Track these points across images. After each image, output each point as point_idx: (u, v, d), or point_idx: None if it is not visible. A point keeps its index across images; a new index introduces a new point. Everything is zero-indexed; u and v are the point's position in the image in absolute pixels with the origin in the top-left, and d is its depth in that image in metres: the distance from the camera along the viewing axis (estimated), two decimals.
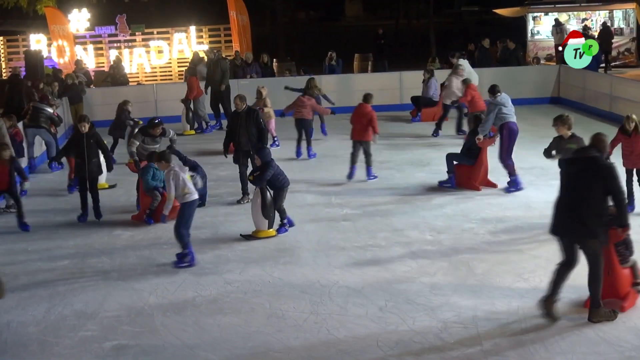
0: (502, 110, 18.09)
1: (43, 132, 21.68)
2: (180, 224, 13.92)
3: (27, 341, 11.22)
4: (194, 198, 13.95)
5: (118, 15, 35.74)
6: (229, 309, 12.02)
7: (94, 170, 16.85)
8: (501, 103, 18.16)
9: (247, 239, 15.26)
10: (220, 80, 27.03)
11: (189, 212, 13.95)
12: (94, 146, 16.83)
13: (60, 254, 14.85)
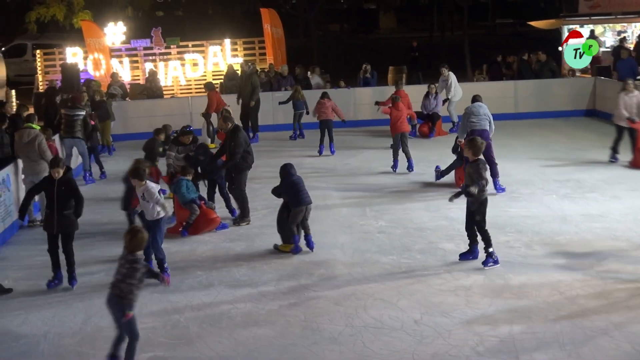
0: (470, 118, 19.34)
1: (79, 143, 21.76)
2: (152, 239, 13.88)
3: (64, 352, 11.30)
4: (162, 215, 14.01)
5: (153, 29, 35.91)
6: (264, 321, 12.03)
7: (67, 224, 13.75)
8: (470, 112, 19.47)
9: (279, 250, 15.29)
10: (250, 95, 27.07)
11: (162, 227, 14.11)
12: (66, 195, 13.68)
13: (96, 265, 14.92)
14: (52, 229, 13.75)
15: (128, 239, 10.46)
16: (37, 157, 17.67)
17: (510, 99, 30.35)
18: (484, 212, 14.03)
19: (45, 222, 13.92)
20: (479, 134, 18.79)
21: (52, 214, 13.64)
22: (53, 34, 46.28)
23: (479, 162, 13.93)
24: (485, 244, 14.02)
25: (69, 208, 13.71)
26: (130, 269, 10.35)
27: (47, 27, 46.72)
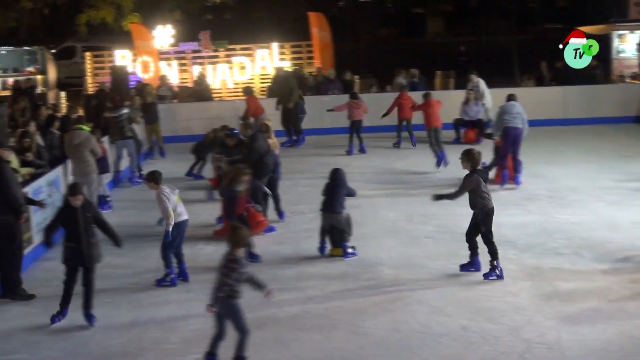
0: (504, 116, 20.16)
1: (129, 144, 21.90)
2: (165, 243, 14.11)
3: (111, 353, 11.38)
4: (181, 219, 14.12)
5: (202, 32, 36.03)
6: (310, 325, 12.04)
7: (94, 255, 12.49)
8: (503, 110, 20.32)
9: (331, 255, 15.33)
10: (288, 97, 27.10)
11: (176, 232, 14.09)
12: (91, 222, 12.47)
13: (144, 267, 15.02)
14: (79, 262, 12.35)
15: (229, 236, 10.56)
16: (87, 158, 17.81)
17: (559, 104, 30.11)
18: (489, 223, 13.89)
19: (69, 255, 12.35)
20: (513, 131, 19.97)
21: (79, 245, 12.23)
22: (102, 37, 46.57)
23: (472, 175, 13.76)
24: (491, 257, 13.83)
25: (94, 236, 12.46)
26: (228, 267, 10.40)
27: (96, 29, 47.08)
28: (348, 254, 15.11)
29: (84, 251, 12.22)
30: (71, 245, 12.26)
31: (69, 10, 49.61)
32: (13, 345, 11.78)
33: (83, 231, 12.24)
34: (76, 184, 12.93)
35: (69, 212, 12.31)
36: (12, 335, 12.14)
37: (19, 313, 13.02)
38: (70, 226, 12.31)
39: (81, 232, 12.23)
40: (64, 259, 12.38)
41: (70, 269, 12.40)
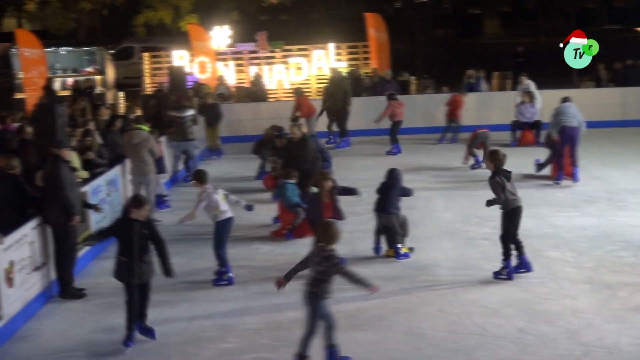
0: (561, 116, 20.81)
1: (190, 145, 22.01)
2: (215, 243, 14.26)
3: (168, 351, 11.47)
4: (226, 217, 14.21)
5: (258, 32, 36.17)
6: (366, 325, 12.04)
7: (146, 272, 11.83)
8: (560, 111, 20.97)
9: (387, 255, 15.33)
10: (343, 100, 27.05)
11: (220, 231, 14.22)
12: (147, 239, 11.76)
13: (201, 266, 15.10)
14: (130, 278, 11.68)
15: (322, 231, 10.57)
16: (146, 158, 17.96)
17: (617, 106, 29.81)
18: (510, 223, 13.83)
19: (121, 270, 11.70)
20: (570, 130, 20.61)
21: (131, 261, 11.57)
22: (160, 37, 46.92)
23: (495, 177, 13.74)
24: (503, 257, 13.85)
25: (148, 253, 11.78)
26: (321, 264, 10.45)
27: (154, 30, 47.49)
28: (400, 256, 15.09)
29: (135, 268, 11.59)
30: (124, 259, 11.62)
31: (127, 11, 50.10)
32: (72, 343, 11.91)
33: (137, 247, 11.55)
34: (142, 196, 12.32)
35: (126, 224, 11.60)
36: (70, 333, 12.28)
37: (76, 311, 13.17)
38: (124, 239, 11.61)
39: (134, 247, 11.54)
40: (116, 273, 11.78)
41: (127, 286, 11.73)
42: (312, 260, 10.60)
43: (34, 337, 12.20)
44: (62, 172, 13.67)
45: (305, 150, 17.74)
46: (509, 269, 13.83)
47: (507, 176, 13.80)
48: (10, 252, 12.35)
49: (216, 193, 14.23)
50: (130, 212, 11.62)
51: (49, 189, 13.59)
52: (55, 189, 13.52)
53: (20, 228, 12.95)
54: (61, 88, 36.39)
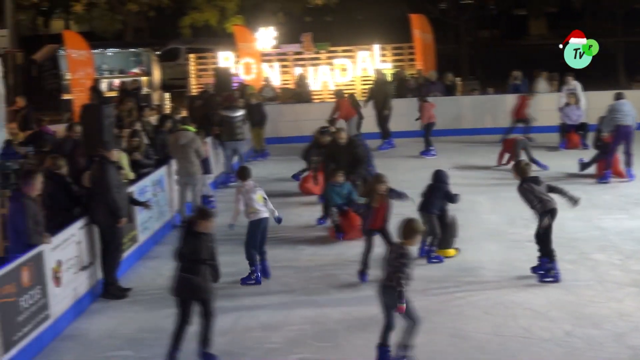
0: (615, 114, 20.70)
1: (241, 145, 22.06)
2: (246, 241, 14.39)
3: (214, 351, 11.48)
4: (259, 217, 14.31)
5: (303, 34, 36.19)
6: None
7: (209, 287, 11.17)
8: (614, 108, 20.85)
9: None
10: (383, 103, 26.98)
11: (253, 230, 14.34)
12: (212, 253, 11.20)
13: (245, 266, 15.14)
14: (193, 295, 11.05)
15: (402, 228, 10.67)
16: (192, 159, 18.03)
17: None
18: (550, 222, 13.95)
19: (182, 287, 11.06)
20: (624, 129, 20.49)
21: (195, 277, 10.97)
22: (206, 39, 47.11)
23: (523, 184, 13.94)
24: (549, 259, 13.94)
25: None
26: (399, 260, 10.48)
27: (200, 32, 47.70)
28: (431, 259, 15.02)
29: (200, 284, 10.98)
30: (186, 276, 10.97)
31: (173, 13, 50.34)
32: (118, 342, 12.01)
33: (203, 262, 10.97)
34: (208, 208, 11.61)
35: (194, 239, 10.95)
36: (117, 332, 12.38)
37: (123, 311, 13.27)
38: (191, 255, 10.95)
39: (201, 262, 10.94)
40: (176, 290, 11.11)
41: (183, 303, 11.11)
42: (389, 255, 10.66)
43: (80, 336, 12.31)
44: (109, 173, 13.77)
45: (352, 153, 17.69)
46: (555, 271, 13.76)
47: (535, 181, 13.95)
48: (57, 251, 12.48)
49: (254, 192, 14.36)
50: (196, 224, 11.00)
51: (97, 191, 13.70)
52: (102, 191, 13.63)
53: (67, 228, 13.07)
54: (108, 89, 36.66)
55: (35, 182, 12.23)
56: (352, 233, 16.53)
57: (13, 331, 11.01)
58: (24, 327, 11.29)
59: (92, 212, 13.73)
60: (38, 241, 11.97)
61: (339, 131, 18.38)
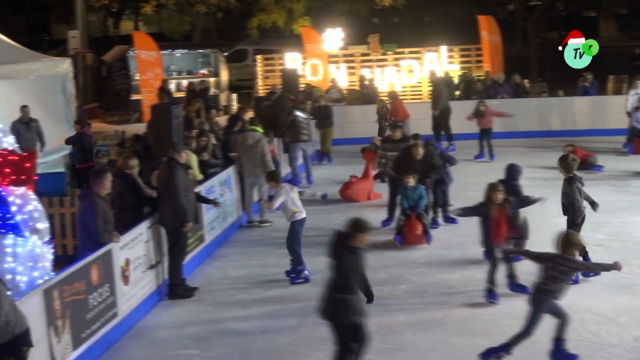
0: None
1: (309, 146, 22.07)
2: (291, 241, 14.46)
3: (279, 351, 11.56)
4: (302, 217, 14.48)
5: (370, 35, 36.23)
6: (479, 330, 11.94)
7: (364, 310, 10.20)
8: None
9: None
10: (435, 104, 26.82)
11: (298, 229, 14.48)
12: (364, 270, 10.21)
13: (312, 267, 15.17)
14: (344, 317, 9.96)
15: (560, 242, 10.66)
16: (259, 160, 18.08)
17: None
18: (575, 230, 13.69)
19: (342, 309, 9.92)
20: None
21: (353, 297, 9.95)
22: (273, 40, 47.40)
23: (570, 180, 13.78)
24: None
25: None
26: (556, 267, 10.49)
27: (267, 33, 47.92)
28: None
29: (356, 305, 9.99)
30: (341, 296, 9.92)
31: (241, 14, 50.68)
32: (184, 341, 12.09)
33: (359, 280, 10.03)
34: (364, 220, 10.09)
35: (349, 254, 9.92)
36: (183, 331, 12.46)
37: (189, 310, 13.35)
38: (346, 273, 9.93)
39: (357, 281, 9.97)
40: (328, 313, 10.05)
41: (339, 327, 10.05)
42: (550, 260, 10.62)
43: (148, 334, 12.43)
44: (178, 177, 13.84)
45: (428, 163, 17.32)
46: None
47: (581, 183, 13.98)
48: (125, 250, 12.62)
49: (294, 191, 14.63)
50: (351, 238, 9.95)
51: (164, 193, 13.81)
52: (169, 195, 13.73)
53: (136, 227, 13.21)
54: (176, 90, 37.00)
55: (105, 181, 12.36)
56: (411, 239, 16.34)
57: (82, 328, 11.16)
58: (92, 325, 11.43)
59: (160, 213, 13.85)
60: (107, 240, 12.11)
61: (416, 146, 17.30)
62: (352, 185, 20.27)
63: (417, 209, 16.51)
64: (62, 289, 10.66)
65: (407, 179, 16.64)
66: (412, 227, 16.34)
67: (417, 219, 16.37)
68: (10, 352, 9.05)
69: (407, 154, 17.39)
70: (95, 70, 41.16)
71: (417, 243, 16.22)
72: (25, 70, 22.46)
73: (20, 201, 11.35)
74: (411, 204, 16.60)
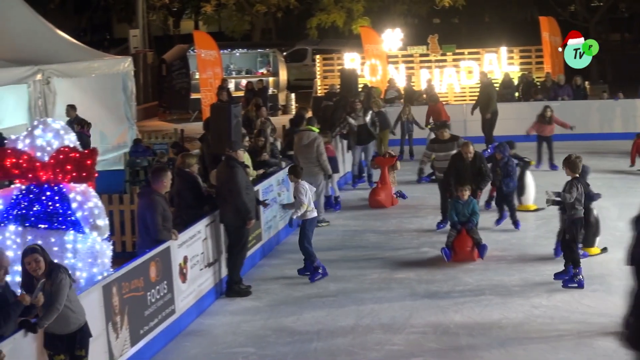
0: None
1: (367, 148, 22.00)
2: (303, 239, 14.69)
3: (335, 351, 11.56)
4: (313, 216, 14.89)
5: (430, 36, 36.06)
6: (536, 333, 11.85)
7: None
8: None
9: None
10: (486, 107, 26.56)
11: (311, 228, 14.82)
12: None
13: (368, 266, 15.19)
14: None
15: None
16: (315, 160, 18.06)
17: None
18: (575, 232, 13.74)
19: None
20: None
21: None
22: (332, 40, 47.42)
23: (572, 180, 13.73)
24: (573, 264, 13.74)
25: None
26: None
27: (326, 33, 47.96)
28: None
29: None
30: None
31: (301, 14, 50.80)
32: (241, 339, 12.14)
33: None
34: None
35: None
36: (240, 329, 12.51)
37: (246, 308, 13.41)
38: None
39: None
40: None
41: None
42: None
43: (205, 331, 12.50)
44: (239, 176, 13.92)
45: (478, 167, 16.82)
46: (579, 276, 13.72)
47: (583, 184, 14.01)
48: (184, 248, 12.70)
49: (311, 190, 14.95)
50: None
51: (225, 192, 13.86)
52: (231, 193, 13.79)
53: (194, 225, 13.29)
54: (235, 89, 37.16)
55: (165, 179, 12.45)
56: (461, 255, 15.32)
57: (140, 325, 11.26)
58: (150, 321, 11.54)
59: (221, 212, 13.92)
60: (166, 237, 12.21)
61: (466, 145, 16.96)
62: (381, 191, 20.10)
63: (469, 225, 15.47)
64: (121, 285, 10.77)
65: (461, 191, 15.80)
66: (463, 242, 15.40)
67: (467, 233, 15.43)
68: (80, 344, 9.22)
69: (458, 159, 16.86)
70: (156, 69, 41.54)
71: (468, 260, 15.29)
72: (87, 68, 22.75)
73: (81, 198, 11.49)
74: (462, 219, 15.59)
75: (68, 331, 9.15)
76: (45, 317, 8.84)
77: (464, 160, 16.69)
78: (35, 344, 8.98)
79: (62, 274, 9.00)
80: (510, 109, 28.22)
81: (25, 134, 11.79)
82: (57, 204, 11.35)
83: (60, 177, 11.44)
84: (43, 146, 11.51)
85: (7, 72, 20.14)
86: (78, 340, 9.25)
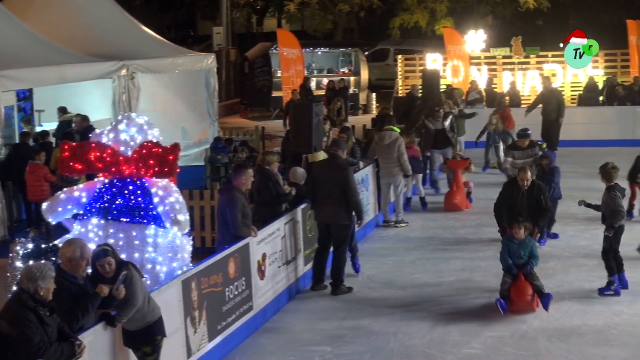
0: None
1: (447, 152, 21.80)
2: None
3: (412, 352, 11.53)
4: None
5: (513, 38, 35.74)
6: (616, 341, 11.68)
7: None
8: None
9: None
10: (557, 111, 26.05)
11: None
12: None
13: (447, 269, 15.10)
14: None
15: None
16: (396, 159, 18.00)
17: None
18: (611, 240, 13.46)
19: None
20: None
21: None
22: (414, 40, 47.23)
23: (611, 189, 13.48)
24: (608, 272, 13.56)
25: None
26: None
27: (409, 33, 47.80)
28: None
29: None
30: None
31: (383, 13, 50.67)
32: (317, 337, 12.16)
33: None
34: None
35: None
36: (316, 327, 12.53)
37: (323, 306, 13.43)
38: None
39: None
40: None
41: None
42: None
43: (282, 329, 12.55)
44: (353, 177, 14.20)
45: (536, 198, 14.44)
46: (616, 284, 13.50)
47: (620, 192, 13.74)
48: (262, 245, 12.77)
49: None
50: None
51: (335, 191, 13.90)
52: (345, 194, 13.88)
53: (273, 222, 13.35)
54: (316, 88, 37.26)
55: (245, 176, 12.53)
56: (519, 305, 12.92)
57: (218, 320, 11.35)
58: (228, 317, 11.62)
59: (325, 211, 14.02)
60: (245, 234, 12.28)
61: (523, 171, 14.53)
62: (457, 194, 19.94)
63: (527, 268, 13.01)
64: (200, 280, 10.86)
65: (515, 228, 13.27)
66: (521, 290, 12.96)
67: (526, 279, 13.00)
68: (145, 341, 9.29)
69: (511, 187, 14.65)
70: (238, 66, 41.85)
71: (527, 310, 12.90)
72: (171, 64, 23.01)
73: (163, 193, 11.59)
74: (519, 262, 13.08)
75: (135, 327, 9.19)
76: (124, 313, 8.92)
77: (520, 189, 14.42)
78: (114, 337, 9.08)
79: (131, 270, 9.04)
80: (594, 113, 27.80)
81: (110, 128, 11.93)
82: (139, 198, 11.46)
83: (143, 172, 11.55)
84: (126, 141, 11.63)
85: (93, 67, 20.46)
86: (145, 337, 9.27)
